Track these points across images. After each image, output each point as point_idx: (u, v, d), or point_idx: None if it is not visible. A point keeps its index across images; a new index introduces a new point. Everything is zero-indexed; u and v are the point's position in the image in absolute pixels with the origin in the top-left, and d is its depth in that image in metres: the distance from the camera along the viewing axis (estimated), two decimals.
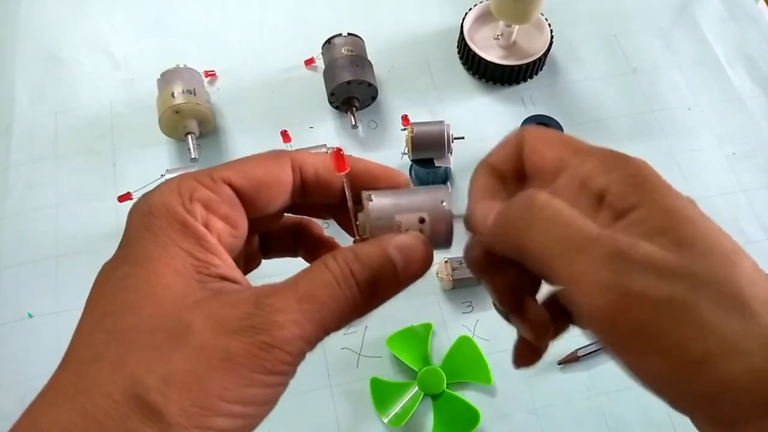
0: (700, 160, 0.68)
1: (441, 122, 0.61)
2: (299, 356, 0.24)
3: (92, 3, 0.78)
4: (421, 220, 0.29)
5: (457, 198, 0.29)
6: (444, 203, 0.29)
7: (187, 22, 0.77)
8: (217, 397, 0.22)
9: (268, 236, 0.34)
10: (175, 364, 0.22)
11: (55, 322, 0.59)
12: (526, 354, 0.32)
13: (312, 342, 0.24)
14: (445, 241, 0.29)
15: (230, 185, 0.27)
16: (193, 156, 0.64)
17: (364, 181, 0.30)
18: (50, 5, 0.77)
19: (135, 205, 0.26)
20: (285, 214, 0.32)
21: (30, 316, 0.59)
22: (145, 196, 0.26)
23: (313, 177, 0.29)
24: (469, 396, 0.55)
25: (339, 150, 0.28)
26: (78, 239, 0.63)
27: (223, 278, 0.25)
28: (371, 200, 0.29)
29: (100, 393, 0.22)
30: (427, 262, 0.27)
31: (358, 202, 0.29)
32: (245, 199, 0.27)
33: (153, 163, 0.66)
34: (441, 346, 0.58)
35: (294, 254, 0.35)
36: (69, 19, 0.77)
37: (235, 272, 0.26)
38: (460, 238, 0.30)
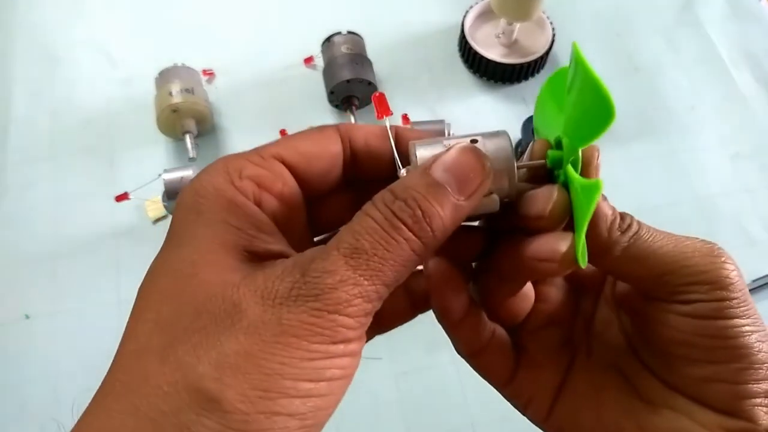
0: (703, 160, 0.68)
1: (441, 121, 0.60)
2: (362, 317, 0.22)
3: (89, 2, 0.77)
4: (473, 141, 0.25)
5: None
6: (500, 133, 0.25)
7: (185, 20, 0.76)
8: (278, 376, 0.20)
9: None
10: (226, 347, 0.20)
11: (52, 323, 0.57)
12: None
13: (372, 299, 0.22)
14: (507, 165, 0.24)
15: (281, 161, 0.26)
16: (191, 155, 0.64)
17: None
18: (47, 5, 0.77)
19: (182, 191, 0.25)
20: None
21: (27, 317, 0.58)
22: (191, 181, 0.25)
23: (363, 146, 0.27)
24: None
25: (381, 95, 0.26)
26: (75, 239, 0.62)
27: (275, 255, 0.24)
28: (418, 146, 0.25)
29: (149, 388, 0.20)
30: (485, 172, 0.24)
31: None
32: (298, 174, 0.26)
33: (151, 163, 0.65)
34: None
35: None
36: (66, 18, 0.76)
37: (288, 249, 0.25)
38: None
